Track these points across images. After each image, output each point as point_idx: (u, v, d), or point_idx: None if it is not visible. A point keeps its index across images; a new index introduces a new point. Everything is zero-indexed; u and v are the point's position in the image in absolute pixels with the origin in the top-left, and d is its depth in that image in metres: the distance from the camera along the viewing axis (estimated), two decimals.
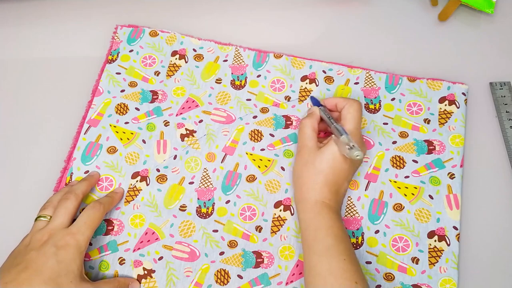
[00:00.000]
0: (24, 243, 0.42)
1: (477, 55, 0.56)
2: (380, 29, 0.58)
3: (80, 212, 0.44)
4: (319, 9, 0.59)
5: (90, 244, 0.46)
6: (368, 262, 0.46)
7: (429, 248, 0.46)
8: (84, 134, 0.51)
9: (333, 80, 0.54)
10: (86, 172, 0.49)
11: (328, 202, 0.43)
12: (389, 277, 0.45)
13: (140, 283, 0.45)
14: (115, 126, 0.52)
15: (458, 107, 0.52)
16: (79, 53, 0.57)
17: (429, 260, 0.46)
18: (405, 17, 0.58)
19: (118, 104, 0.53)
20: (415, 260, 0.46)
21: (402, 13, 0.59)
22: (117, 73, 0.54)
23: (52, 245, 0.40)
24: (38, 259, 0.39)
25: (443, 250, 0.46)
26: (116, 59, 0.55)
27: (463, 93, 0.52)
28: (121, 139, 0.51)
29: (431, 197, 0.48)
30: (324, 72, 0.54)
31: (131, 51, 0.55)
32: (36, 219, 0.44)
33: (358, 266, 0.41)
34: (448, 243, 0.46)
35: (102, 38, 0.57)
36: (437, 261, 0.46)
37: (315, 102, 0.50)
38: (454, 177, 0.49)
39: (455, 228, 0.47)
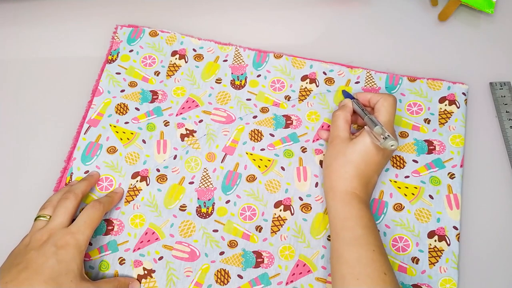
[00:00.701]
0: (24, 243, 0.42)
1: (477, 55, 0.56)
2: (380, 29, 0.58)
3: (80, 212, 0.44)
4: (319, 9, 0.59)
5: (90, 244, 0.46)
6: None
7: (429, 248, 0.46)
8: (84, 134, 0.51)
9: (334, 81, 0.54)
10: (86, 172, 0.49)
11: (358, 193, 0.43)
12: None
13: (140, 283, 0.45)
14: (115, 126, 0.51)
15: (458, 107, 0.52)
16: (79, 53, 0.57)
17: (429, 260, 0.46)
18: (405, 17, 0.58)
19: (118, 104, 0.53)
20: (415, 260, 0.46)
21: (402, 13, 0.59)
22: (117, 73, 0.54)
23: (52, 245, 0.40)
24: (38, 259, 0.39)
25: (443, 250, 0.46)
26: (116, 59, 0.55)
27: (463, 93, 0.52)
28: (121, 139, 0.51)
29: (431, 197, 0.48)
30: (324, 73, 0.54)
31: (131, 51, 0.55)
32: (35, 219, 0.44)
33: (386, 258, 0.41)
34: (448, 243, 0.46)
35: (102, 38, 0.57)
36: (437, 261, 0.46)
37: (347, 95, 0.50)
38: (454, 177, 0.49)
39: (455, 228, 0.47)
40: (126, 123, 0.52)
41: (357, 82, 0.53)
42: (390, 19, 0.58)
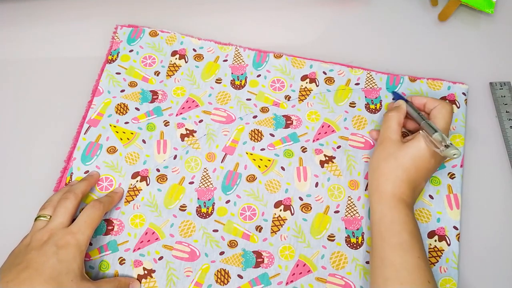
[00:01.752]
0: (24, 243, 0.42)
1: (477, 55, 0.56)
2: (380, 29, 0.58)
3: (80, 212, 0.44)
4: (319, 9, 0.59)
5: (90, 244, 0.46)
6: (368, 262, 0.46)
7: (429, 248, 0.46)
8: (84, 134, 0.51)
9: (334, 81, 0.54)
10: (86, 172, 0.49)
11: (405, 198, 0.43)
12: None
13: (140, 283, 0.45)
14: (115, 126, 0.51)
15: (458, 107, 0.52)
16: (79, 53, 0.57)
17: (429, 260, 0.46)
18: (405, 17, 0.58)
19: (118, 104, 0.53)
20: None
21: (402, 13, 0.59)
22: (117, 73, 0.54)
23: (52, 245, 0.40)
24: (38, 259, 0.39)
25: (443, 250, 0.46)
26: (116, 59, 0.55)
27: (463, 93, 0.52)
28: (121, 139, 0.51)
29: (431, 197, 0.48)
30: (324, 73, 0.54)
31: (131, 51, 0.55)
32: (36, 219, 0.44)
33: (429, 267, 0.41)
34: (449, 243, 0.46)
35: (102, 38, 0.57)
36: (438, 261, 0.46)
37: (398, 96, 0.50)
38: (454, 177, 0.49)
39: (455, 228, 0.47)
40: (126, 123, 0.52)
41: (357, 84, 0.53)
42: (390, 19, 0.58)
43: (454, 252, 0.46)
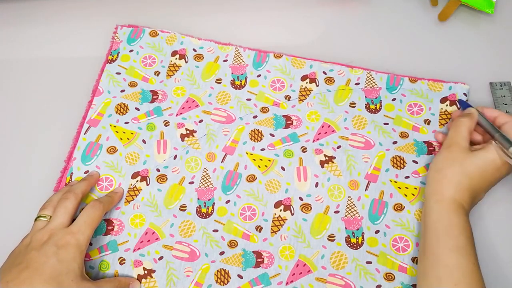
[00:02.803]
0: (24, 243, 0.42)
1: (477, 55, 0.56)
2: (380, 29, 0.58)
3: (80, 212, 0.44)
4: (319, 9, 0.59)
5: (90, 244, 0.46)
6: (369, 262, 0.46)
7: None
8: (84, 134, 0.51)
9: (334, 81, 0.54)
10: (86, 172, 0.49)
11: (465, 205, 0.43)
12: (389, 277, 0.45)
13: (140, 283, 0.45)
14: (115, 126, 0.51)
15: (458, 108, 0.52)
16: (79, 53, 0.57)
17: None
18: (405, 17, 0.58)
19: (118, 104, 0.53)
20: (416, 260, 0.46)
21: (402, 13, 0.59)
22: (117, 73, 0.54)
23: (52, 245, 0.40)
24: (39, 259, 0.39)
25: None
26: (116, 59, 0.55)
27: (465, 94, 0.52)
28: (121, 139, 0.51)
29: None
30: (324, 73, 0.54)
31: (131, 51, 0.55)
32: (36, 219, 0.44)
33: (481, 275, 0.41)
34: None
35: (102, 38, 0.57)
36: None
37: (465, 105, 0.49)
38: None
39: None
40: (126, 123, 0.52)
41: (357, 84, 0.53)
42: (390, 19, 0.58)
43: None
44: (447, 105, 0.52)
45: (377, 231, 0.47)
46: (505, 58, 0.56)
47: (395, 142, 0.51)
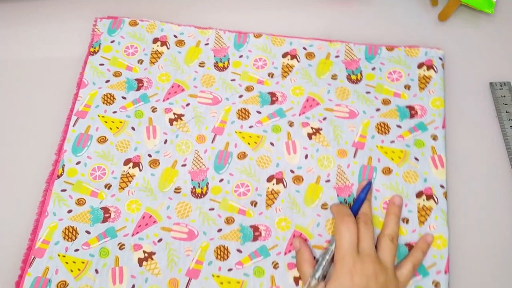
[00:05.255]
0: None
1: (477, 55, 0.56)
2: (380, 29, 0.57)
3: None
4: (319, 9, 0.59)
5: (89, 233, 0.47)
6: None
7: (418, 208, 0.48)
8: (73, 126, 0.51)
9: (314, 56, 0.55)
10: (78, 163, 0.50)
11: None
12: None
13: (141, 266, 0.46)
14: (103, 116, 0.52)
15: (436, 72, 0.53)
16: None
17: (418, 219, 0.47)
18: (405, 17, 0.58)
19: (104, 95, 0.53)
20: (406, 220, 0.47)
21: (402, 13, 0.58)
22: (100, 64, 0.54)
23: None
24: None
25: (432, 209, 0.48)
26: (98, 51, 0.55)
27: (440, 58, 0.54)
28: (111, 128, 0.51)
29: (416, 159, 0.50)
30: (304, 49, 0.55)
31: (112, 41, 0.56)
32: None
33: None
34: (436, 201, 0.48)
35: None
36: (426, 220, 0.47)
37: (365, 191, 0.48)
38: (437, 138, 0.50)
39: (441, 186, 0.48)
40: (114, 112, 0.52)
41: (337, 56, 0.55)
42: (390, 19, 0.58)
43: (443, 209, 0.48)
44: (424, 70, 0.54)
45: None
46: (505, 58, 0.56)
47: (378, 109, 0.52)
